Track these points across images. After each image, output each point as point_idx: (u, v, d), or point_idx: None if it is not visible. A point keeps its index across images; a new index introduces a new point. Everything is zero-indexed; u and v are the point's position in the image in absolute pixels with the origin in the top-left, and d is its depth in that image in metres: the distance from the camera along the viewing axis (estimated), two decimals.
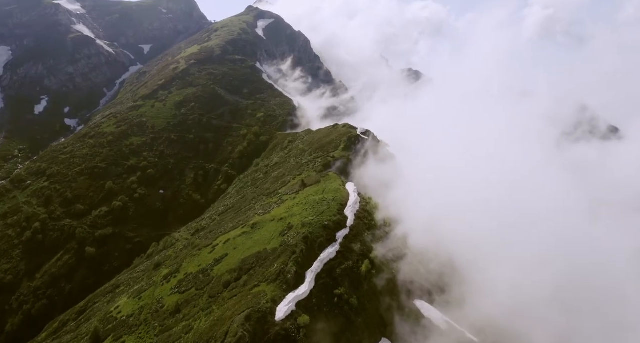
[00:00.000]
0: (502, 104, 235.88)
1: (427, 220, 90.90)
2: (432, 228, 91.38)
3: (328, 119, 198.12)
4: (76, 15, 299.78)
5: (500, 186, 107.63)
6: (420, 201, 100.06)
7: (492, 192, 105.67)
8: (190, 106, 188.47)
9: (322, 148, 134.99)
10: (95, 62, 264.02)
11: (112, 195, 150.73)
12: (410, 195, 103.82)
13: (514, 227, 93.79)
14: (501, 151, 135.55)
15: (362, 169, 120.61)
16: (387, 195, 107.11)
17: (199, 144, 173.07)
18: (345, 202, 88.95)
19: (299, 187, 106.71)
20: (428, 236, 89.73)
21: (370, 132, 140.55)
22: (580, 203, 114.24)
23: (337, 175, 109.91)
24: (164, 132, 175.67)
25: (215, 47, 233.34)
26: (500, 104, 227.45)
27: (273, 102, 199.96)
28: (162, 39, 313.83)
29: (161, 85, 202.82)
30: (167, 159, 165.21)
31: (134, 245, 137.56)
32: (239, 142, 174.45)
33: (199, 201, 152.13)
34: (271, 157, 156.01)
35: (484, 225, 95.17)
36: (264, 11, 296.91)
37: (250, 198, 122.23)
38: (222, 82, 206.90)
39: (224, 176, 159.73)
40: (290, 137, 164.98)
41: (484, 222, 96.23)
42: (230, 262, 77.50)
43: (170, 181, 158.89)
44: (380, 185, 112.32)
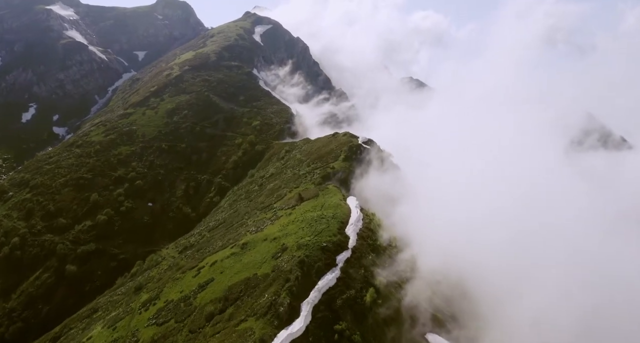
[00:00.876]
0: (508, 113, 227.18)
1: (437, 239, 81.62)
2: (444, 248, 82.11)
3: (327, 127, 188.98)
4: (69, 21, 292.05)
5: (516, 199, 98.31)
6: (429, 217, 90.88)
7: (507, 206, 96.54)
8: (182, 114, 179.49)
9: (321, 158, 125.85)
10: (87, 69, 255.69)
11: (97, 208, 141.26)
12: (418, 211, 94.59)
13: (534, 246, 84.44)
14: (513, 161, 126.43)
15: (364, 181, 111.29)
16: (392, 210, 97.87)
17: (191, 154, 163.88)
18: (347, 220, 79.57)
19: (296, 201, 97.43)
20: (439, 257, 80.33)
21: (372, 141, 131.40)
22: (602, 217, 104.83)
23: (337, 188, 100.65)
24: (154, 141, 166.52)
25: (211, 53, 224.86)
26: (506, 113, 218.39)
27: (270, 109, 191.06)
28: (158, 46, 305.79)
29: (153, 92, 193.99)
30: (156, 170, 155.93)
31: (119, 263, 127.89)
32: (234, 151, 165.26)
33: (190, 215, 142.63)
34: (267, 168, 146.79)
35: (500, 245, 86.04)
36: (262, 17, 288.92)
37: (242, 213, 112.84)
38: (216, 88, 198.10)
39: (216, 188, 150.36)
40: (287, 147, 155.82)
41: (500, 240, 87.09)
42: (216, 289, 67.91)
43: (159, 193, 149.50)
44: (385, 200, 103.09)
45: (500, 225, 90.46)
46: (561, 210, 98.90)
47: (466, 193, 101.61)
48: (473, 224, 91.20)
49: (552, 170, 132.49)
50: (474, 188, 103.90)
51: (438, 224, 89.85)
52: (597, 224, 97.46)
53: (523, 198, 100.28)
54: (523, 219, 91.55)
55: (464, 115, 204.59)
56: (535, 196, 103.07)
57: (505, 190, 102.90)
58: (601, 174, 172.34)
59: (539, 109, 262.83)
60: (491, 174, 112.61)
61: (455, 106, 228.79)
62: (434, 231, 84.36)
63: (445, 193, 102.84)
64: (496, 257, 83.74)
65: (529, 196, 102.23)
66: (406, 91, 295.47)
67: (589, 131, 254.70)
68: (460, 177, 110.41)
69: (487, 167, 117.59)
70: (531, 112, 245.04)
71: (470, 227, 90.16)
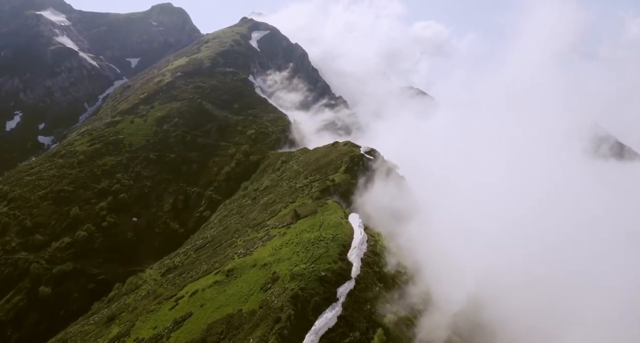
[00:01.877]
0: (518, 123, 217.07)
1: (452, 264, 70.59)
2: (460, 273, 71.15)
3: (327, 136, 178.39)
4: (60, 27, 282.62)
5: (539, 215, 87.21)
6: (442, 237, 79.96)
7: (530, 222, 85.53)
8: (173, 122, 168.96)
9: (319, 170, 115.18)
10: (76, 76, 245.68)
11: (77, 223, 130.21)
12: (430, 230, 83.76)
13: (566, 269, 73.36)
14: (531, 173, 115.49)
15: (367, 195, 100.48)
16: (399, 229, 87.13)
17: (181, 165, 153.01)
18: (349, 242, 68.60)
19: (291, 218, 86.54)
20: (455, 285, 69.29)
21: (376, 151, 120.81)
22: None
23: (337, 203, 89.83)
24: (141, 151, 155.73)
25: (205, 59, 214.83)
26: (516, 123, 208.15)
27: (266, 117, 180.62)
28: (152, 52, 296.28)
29: (143, 99, 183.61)
30: (143, 182, 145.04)
31: (98, 284, 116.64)
32: (226, 162, 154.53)
33: (177, 231, 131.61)
34: (261, 180, 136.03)
35: (524, 268, 75.01)
36: (259, 22, 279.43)
37: (233, 230, 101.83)
38: (210, 96, 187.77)
39: (207, 201, 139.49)
40: (283, 157, 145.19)
41: (525, 262, 76.13)
42: (193, 328, 56.76)
43: (145, 207, 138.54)
44: (391, 217, 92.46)
45: (523, 246, 79.59)
46: (592, 226, 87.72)
47: (483, 209, 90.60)
48: (492, 245, 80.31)
49: (572, 181, 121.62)
50: (491, 203, 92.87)
51: (452, 245, 79.07)
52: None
53: (547, 213, 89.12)
54: (549, 238, 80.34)
55: (474, 125, 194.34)
56: (561, 212, 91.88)
57: (526, 204, 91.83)
58: (622, 185, 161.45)
59: (550, 117, 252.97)
60: (509, 188, 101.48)
61: (464, 116, 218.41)
62: (447, 253, 73.31)
63: (459, 210, 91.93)
64: (521, 282, 72.77)
65: (554, 211, 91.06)
66: (408, 99, 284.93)
67: (599, 140, 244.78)
68: (475, 191, 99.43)
69: (503, 181, 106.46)
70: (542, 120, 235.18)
71: (489, 248, 79.28)
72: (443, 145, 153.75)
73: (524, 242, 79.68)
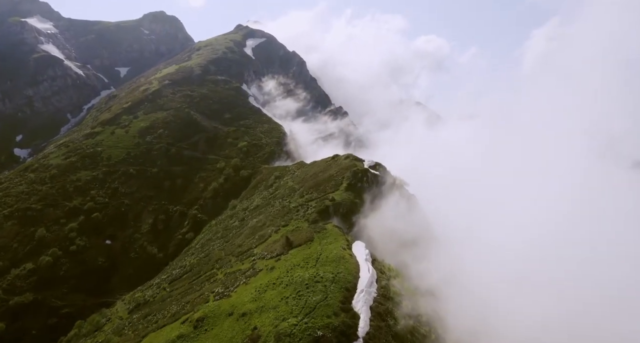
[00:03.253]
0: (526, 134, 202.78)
1: (493, 313, 54.88)
2: (491, 322, 55.63)
3: (326, 148, 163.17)
4: (45, 35, 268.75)
5: (587, 247, 71.69)
6: (468, 273, 64.52)
7: (574, 254, 70.12)
8: (157, 133, 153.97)
9: (317, 187, 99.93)
10: (60, 85, 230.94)
11: (42, 246, 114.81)
12: (450, 263, 68.34)
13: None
14: (565, 193, 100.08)
15: (373, 217, 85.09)
16: (413, 261, 71.68)
17: (164, 180, 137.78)
18: (354, 283, 53.07)
19: (282, 247, 71.14)
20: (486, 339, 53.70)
21: (381, 165, 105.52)
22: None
23: (338, 229, 74.31)
24: (120, 165, 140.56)
25: (195, 67, 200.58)
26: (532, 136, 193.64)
27: (259, 128, 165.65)
28: (142, 61, 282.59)
29: (126, 109, 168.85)
30: (120, 199, 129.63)
31: (60, 319, 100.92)
32: (214, 177, 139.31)
33: (156, 256, 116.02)
34: (252, 198, 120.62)
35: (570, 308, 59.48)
36: (255, 30, 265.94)
37: (215, 258, 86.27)
38: (199, 105, 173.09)
39: (191, 222, 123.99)
40: (277, 172, 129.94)
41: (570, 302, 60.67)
42: None
43: (121, 228, 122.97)
44: (402, 244, 77.02)
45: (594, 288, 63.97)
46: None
47: (513, 237, 75.10)
48: (527, 283, 64.87)
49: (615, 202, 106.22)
50: (521, 229, 77.36)
51: (478, 283, 63.70)
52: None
53: (597, 242, 73.61)
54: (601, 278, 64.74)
55: (479, 137, 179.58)
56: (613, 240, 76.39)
57: (568, 230, 76.33)
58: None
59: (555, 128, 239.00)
60: (541, 211, 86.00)
61: (481, 130, 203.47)
62: (483, 296, 57.70)
63: (485, 237, 76.49)
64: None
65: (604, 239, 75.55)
66: (411, 112, 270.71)
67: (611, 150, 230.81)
68: (502, 214, 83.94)
69: (533, 201, 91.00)
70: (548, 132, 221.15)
71: (524, 288, 63.82)
72: (457, 160, 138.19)
73: (594, 282, 63.93)
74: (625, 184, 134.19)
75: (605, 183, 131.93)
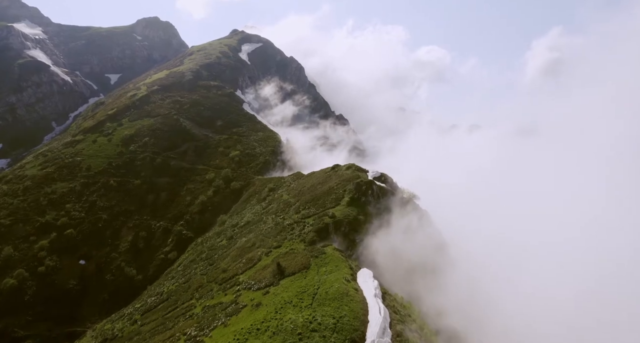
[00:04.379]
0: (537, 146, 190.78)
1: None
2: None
3: (325, 158, 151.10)
4: (33, 40, 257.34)
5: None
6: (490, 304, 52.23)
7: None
8: (142, 141, 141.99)
9: (315, 201, 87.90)
10: (45, 92, 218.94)
11: (7, 267, 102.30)
12: (472, 295, 56.01)
13: None
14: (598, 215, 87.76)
15: (380, 238, 72.95)
16: (428, 292, 59.48)
17: (147, 193, 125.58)
18: (362, 333, 40.74)
19: (272, 275, 59.09)
20: None
21: (387, 176, 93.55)
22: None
23: (339, 253, 62.21)
24: (100, 176, 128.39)
25: (186, 72, 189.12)
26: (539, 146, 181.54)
27: (253, 137, 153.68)
28: (134, 68, 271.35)
29: (110, 116, 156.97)
30: (97, 214, 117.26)
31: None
32: (203, 189, 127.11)
33: (134, 278, 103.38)
34: (243, 213, 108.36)
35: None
36: (251, 35, 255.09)
37: (195, 285, 74.03)
38: (189, 112, 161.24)
39: (175, 239, 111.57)
40: (272, 183, 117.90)
41: None
42: None
43: (96, 246, 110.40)
44: (414, 271, 64.82)
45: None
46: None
47: (544, 260, 62.84)
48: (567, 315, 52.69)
49: None
50: (555, 253, 65.10)
51: (507, 316, 51.44)
52: None
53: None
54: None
55: (510, 150, 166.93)
56: None
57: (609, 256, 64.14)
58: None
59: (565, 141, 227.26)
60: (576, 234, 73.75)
61: (498, 140, 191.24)
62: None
63: (510, 260, 64.23)
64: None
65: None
66: (415, 120, 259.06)
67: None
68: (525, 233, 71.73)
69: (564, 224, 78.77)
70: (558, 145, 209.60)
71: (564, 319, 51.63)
72: (474, 170, 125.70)
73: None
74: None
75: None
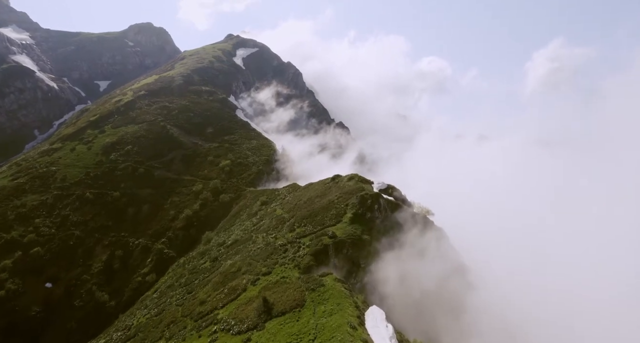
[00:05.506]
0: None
1: None
2: None
3: (325, 168, 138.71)
4: (20, 45, 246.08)
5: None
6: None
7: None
8: (124, 150, 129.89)
9: (313, 217, 75.64)
10: (28, 98, 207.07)
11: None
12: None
13: None
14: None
15: (390, 263, 60.68)
16: (451, 336, 47.19)
17: (127, 206, 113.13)
18: None
19: (257, 314, 46.87)
20: None
21: (395, 188, 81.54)
22: None
23: (341, 284, 49.93)
24: (76, 187, 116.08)
25: (176, 76, 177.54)
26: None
27: (246, 145, 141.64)
28: (125, 75, 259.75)
29: (92, 122, 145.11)
30: (69, 230, 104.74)
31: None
32: (188, 203, 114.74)
33: (106, 304, 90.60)
34: (231, 229, 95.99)
35: None
36: (246, 39, 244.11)
37: (167, 320, 61.58)
38: (177, 118, 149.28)
39: (155, 259, 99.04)
40: (264, 196, 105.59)
41: None
42: None
43: (66, 267, 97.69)
44: (432, 306, 52.57)
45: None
46: None
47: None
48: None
49: None
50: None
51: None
52: None
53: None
54: None
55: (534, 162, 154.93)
56: None
57: None
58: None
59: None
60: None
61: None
62: None
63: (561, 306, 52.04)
64: None
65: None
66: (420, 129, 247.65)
67: None
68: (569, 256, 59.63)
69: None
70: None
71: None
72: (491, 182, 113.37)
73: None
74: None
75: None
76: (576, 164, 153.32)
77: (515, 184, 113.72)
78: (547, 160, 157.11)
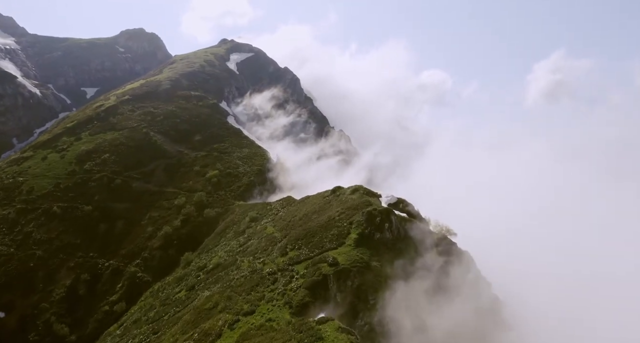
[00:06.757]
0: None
1: None
2: None
3: (323, 180, 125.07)
4: (2, 50, 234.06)
5: None
6: None
7: None
8: (100, 159, 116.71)
9: (309, 238, 62.42)
10: (7, 104, 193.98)
11: None
12: None
13: None
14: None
15: (408, 299, 47.42)
16: None
17: (99, 222, 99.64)
18: None
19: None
20: None
21: (407, 203, 68.48)
22: None
23: (347, 335, 36.59)
24: (43, 200, 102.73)
25: (164, 80, 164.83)
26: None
27: (237, 154, 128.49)
28: (114, 81, 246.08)
29: (68, 129, 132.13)
30: (31, 249, 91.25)
31: None
32: (169, 218, 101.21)
33: (66, 338, 77.00)
34: (214, 250, 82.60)
35: None
36: (241, 44, 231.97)
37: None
38: (162, 124, 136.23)
39: (126, 284, 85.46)
40: (255, 211, 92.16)
41: None
42: None
43: (23, 293, 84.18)
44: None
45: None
46: None
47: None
48: None
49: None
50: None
51: None
52: None
53: None
54: None
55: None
56: None
57: None
58: None
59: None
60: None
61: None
62: None
63: None
64: None
65: None
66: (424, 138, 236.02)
67: None
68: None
69: None
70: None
71: None
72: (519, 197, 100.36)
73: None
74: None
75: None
76: (595, 175, 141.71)
77: (549, 200, 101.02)
78: (572, 171, 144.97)
